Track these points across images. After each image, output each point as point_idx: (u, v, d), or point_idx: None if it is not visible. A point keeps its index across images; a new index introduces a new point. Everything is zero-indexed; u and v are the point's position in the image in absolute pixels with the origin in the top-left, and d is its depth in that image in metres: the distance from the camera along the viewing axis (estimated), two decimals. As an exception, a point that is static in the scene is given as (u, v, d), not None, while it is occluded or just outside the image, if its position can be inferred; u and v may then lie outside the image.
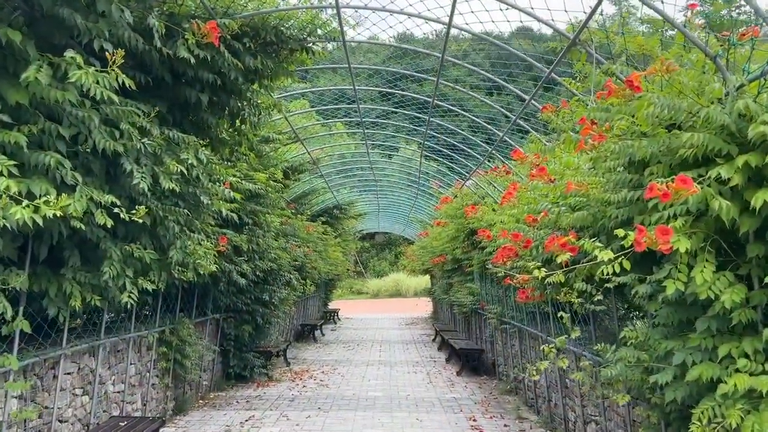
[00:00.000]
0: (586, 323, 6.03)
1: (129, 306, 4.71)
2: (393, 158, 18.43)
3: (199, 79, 4.68)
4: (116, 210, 3.94)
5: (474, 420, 7.91)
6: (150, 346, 7.32)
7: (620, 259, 2.94)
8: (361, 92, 9.70)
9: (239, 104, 5.29)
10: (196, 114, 5.23)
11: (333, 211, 17.19)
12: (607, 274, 3.04)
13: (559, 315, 4.19)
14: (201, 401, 8.95)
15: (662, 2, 3.96)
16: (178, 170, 4.48)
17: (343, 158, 17.08)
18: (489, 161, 11.18)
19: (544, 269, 4.17)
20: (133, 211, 3.99)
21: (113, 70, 3.63)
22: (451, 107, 9.98)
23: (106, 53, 3.70)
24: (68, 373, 5.45)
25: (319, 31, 5.34)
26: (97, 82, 3.50)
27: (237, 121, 5.50)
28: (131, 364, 6.93)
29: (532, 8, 5.41)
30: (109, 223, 3.90)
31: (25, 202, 3.21)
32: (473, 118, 9.95)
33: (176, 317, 7.84)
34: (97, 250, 4.37)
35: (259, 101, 5.49)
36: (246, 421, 7.76)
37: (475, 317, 13.89)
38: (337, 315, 25.09)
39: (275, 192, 8.70)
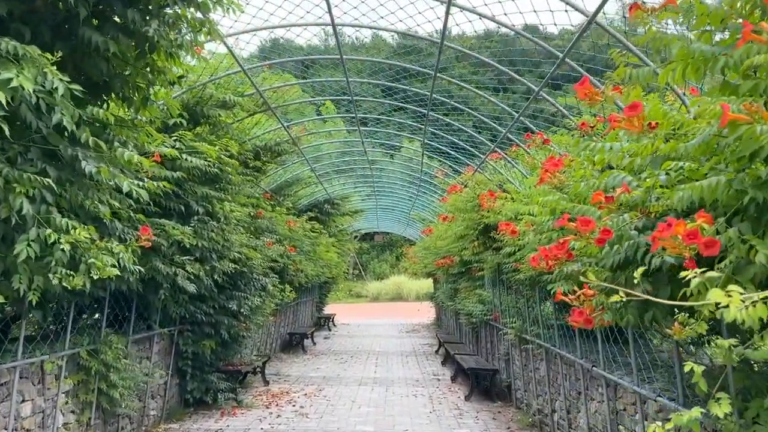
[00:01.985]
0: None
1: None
2: (394, 157, 17.35)
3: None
4: None
5: (491, 473, 6.03)
6: (59, 374, 5.45)
7: None
8: (361, 90, 9.60)
9: (142, 19, 3.42)
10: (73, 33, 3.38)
11: (323, 206, 15.23)
12: None
13: (689, 367, 2.27)
14: (144, 438, 7.08)
15: None
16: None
17: (338, 149, 15.31)
18: (502, 147, 9.33)
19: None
20: None
21: None
22: (456, 104, 9.52)
23: None
24: None
25: None
26: None
27: (145, 48, 3.64)
28: (25, 401, 5.06)
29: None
30: None
31: None
32: (479, 116, 9.35)
33: (101, 334, 5.97)
34: None
35: (179, 12, 3.61)
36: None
37: (485, 329, 11.99)
38: (332, 321, 23.20)
39: (237, 174, 6.83)
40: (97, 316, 6.44)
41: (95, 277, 3.78)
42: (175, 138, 5.72)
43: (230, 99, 6.69)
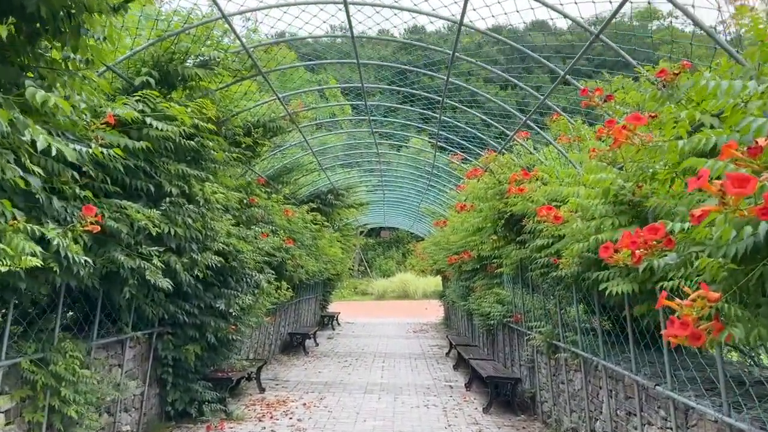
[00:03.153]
0: None
1: None
2: (402, 150, 16.66)
3: None
4: None
5: None
6: (-5, 389, 4.43)
7: None
8: (370, 84, 9.10)
9: None
10: None
11: (326, 197, 14.12)
12: None
13: None
14: (114, 459, 6.06)
15: None
16: None
17: (344, 143, 14.37)
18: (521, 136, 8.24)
19: None
20: None
21: None
22: (474, 90, 9.15)
23: None
24: None
25: None
26: None
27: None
28: (-54, 425, 4.05)
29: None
30: None
31: None
32: (499, 102, 8.97)
33: (54, 340, 4.94)
34: None
35: None
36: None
37: (503, 331, 10.92)
38: (337, 320, 22.17)
39: (221, 149, 5.74)
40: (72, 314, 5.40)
41: (2, 269, 2.73)
42: (138, 98, 4.67)
43: (212, 57, 5.58)
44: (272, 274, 8.75)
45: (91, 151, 3.53)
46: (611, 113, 4.11)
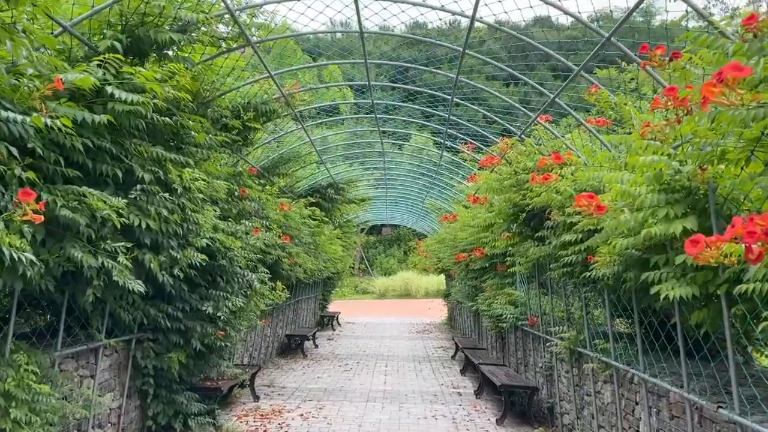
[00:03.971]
0: None
1: None
2: (404, 147, 16.31)
3: None
4: None
5: None
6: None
7: None
8: (376, 82, 9.02)
9: None
10: None
11: (326, 191, 13.34)
12: None
13: None
14: (84, 483, 5.35)
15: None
16: None
17: (346, 141, 13.77)
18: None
19: None
20: None
21: None
22: (468, 98, 9.45)
23: None
24: None
25: None
26: None
27: None
28: None
29: None
30: None
31: None
32: (507, 99, 8.91)
33: (5, 352, 4.22)
34: None
35: None
36: None
37: (515, 334, 10.20)
38: (337, 320, 21.46)
39: (203, 129, 4.96)
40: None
41: None
42: (98, 63, 3.93)
43: (190, 20, 4.78)
44: (267, 273, 8.02)
45: (29, 120, 2.81)
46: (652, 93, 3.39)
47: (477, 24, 6.69)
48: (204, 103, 5.87)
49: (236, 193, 7.19)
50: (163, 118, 4.34)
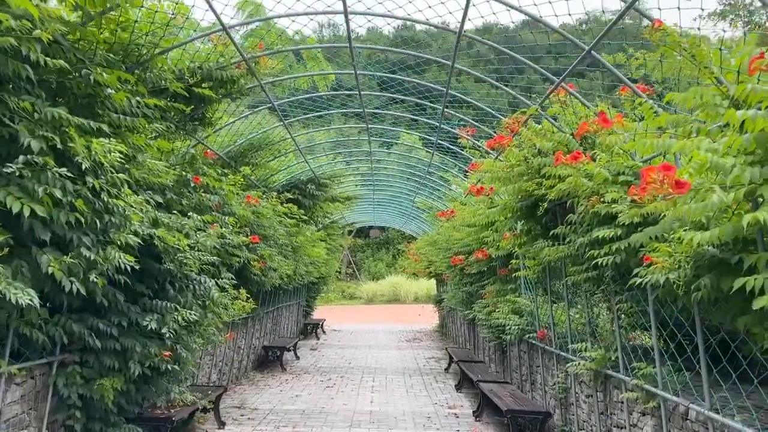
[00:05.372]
0: None
1: None
2: (392, 148, 15.55)
3: None
4: None
5: None
6: None
7: None
8: (363, 85, 9.14)
9: None
10: None
11: (306, 187, 12.00)
12: None
13: None
14: None
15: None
16: None
17: (333, 140, 12.72)
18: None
19: None
20: None
21: None
22: (455, 102, 9.69)
23: None
24: None
25: None
26: None
27: None
28: None
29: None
30: None
31: None
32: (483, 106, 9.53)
33: None
34: None
35: None
36: None
37: (518, 347, 9.03)
38: (322, 327, 20.17)
39: (123, 88, 3.73)
40: None
41: None
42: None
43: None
44: (233, 279, 6.78)
45: None
46: None
47: (473, 37, 7.00)
48: (140, 63, 4.63)
49: (190, 182, 5.94)
50: (52, 60, 3.07)
